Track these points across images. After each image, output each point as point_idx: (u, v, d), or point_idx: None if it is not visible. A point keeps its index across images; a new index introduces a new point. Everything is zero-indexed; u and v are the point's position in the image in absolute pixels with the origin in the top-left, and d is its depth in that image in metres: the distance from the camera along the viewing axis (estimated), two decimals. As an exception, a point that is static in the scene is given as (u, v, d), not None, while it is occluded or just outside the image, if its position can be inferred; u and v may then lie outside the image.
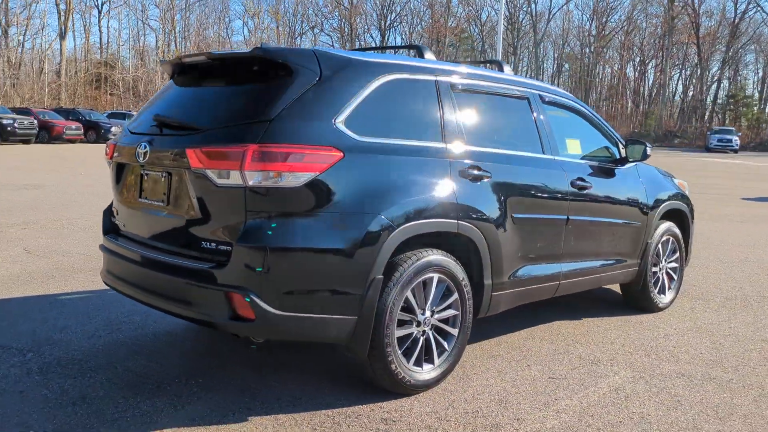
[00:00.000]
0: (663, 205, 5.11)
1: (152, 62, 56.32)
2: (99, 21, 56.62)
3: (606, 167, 4.69)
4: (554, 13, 69.53)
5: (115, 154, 3.63)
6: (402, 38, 70.58)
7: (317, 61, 3.15)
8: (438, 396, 3.39)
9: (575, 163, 4.40)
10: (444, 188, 3.39)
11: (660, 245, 5.21)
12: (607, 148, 4.84)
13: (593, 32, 67.19)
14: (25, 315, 4.52)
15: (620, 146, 4.85)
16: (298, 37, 67.12)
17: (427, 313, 3.40)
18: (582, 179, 4.31)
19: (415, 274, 3.26)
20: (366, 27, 69.51)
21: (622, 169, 4.81)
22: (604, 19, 66.49)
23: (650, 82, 68.56)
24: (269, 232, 2.87)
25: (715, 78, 63.10)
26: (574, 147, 4.58)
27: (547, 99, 4.37)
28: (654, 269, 5.19)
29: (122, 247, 3.51)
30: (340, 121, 3.08)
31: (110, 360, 3.74)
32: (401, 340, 3.30)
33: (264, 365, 3.74)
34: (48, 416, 3.00)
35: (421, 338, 3.39)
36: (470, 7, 68.03)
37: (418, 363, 3.37)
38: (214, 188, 2.93)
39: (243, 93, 3.20)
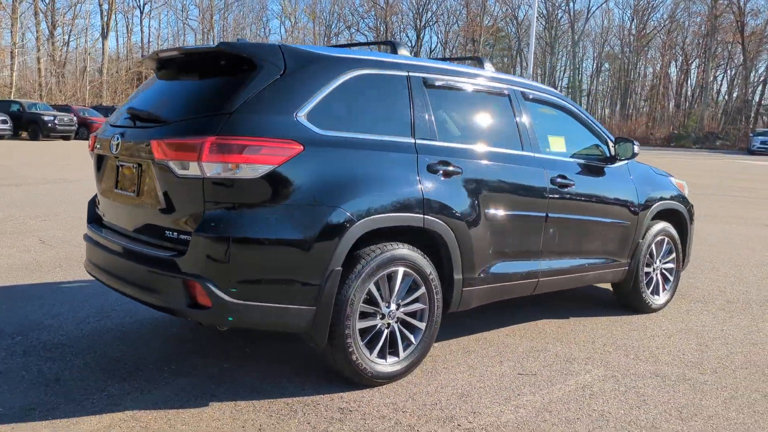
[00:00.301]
0: (656, 204, 5.04)
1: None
2: (141, 21, 57.84)
3: (593, 165, 4.66)
4: (593, 12, 68.66)
5: (96, 146, 3.76)
6: (438, 37, 70.51)
7: (282, 55, 3.23)
8: (401, 388, 3.43)
9: (557, 161, 4.38)
10: (410, 183, 3.43)
11: (653, 245, 5.14)
12: (596, 146, 4.80)
13: (633, 31, 65.96)
14: (25, 301, 4.71)
15: (610, 144, 4.81)
16: (335, 37, 67.48)
17: (393, 306, 3.44)
18: (564, 177, 4.29)
19: (378, 268, 3.31)
20: (402, 26, 69.62)
21: (611, 167, 4.77)
22: (645, 18, 65.21)
23: (693, 82, 66.98)
24: (226, 223, 2.96)
25: (762, 78, 61.24)
26: (558, 144, 4.56)
27: (530, 96, 4.36)
28: (647, 270, 5.13)
29: (102, 237, 3.64)
30: (302, 115, 3.15)
31: (93, 345, 3.88)
32: (364, 331, 3.35)
33: (236, 353, 3.84)
34: (19, 395, 3.14)
35: (386, 331, 3.44)
36: (507, 6, 67.48)
37: (381, 355, 3.42)
38: (176, 179, 3.03)
39: (209, 87, 3.30)
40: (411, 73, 3.66)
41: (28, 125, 27.35)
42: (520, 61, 64.52)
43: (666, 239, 5.26)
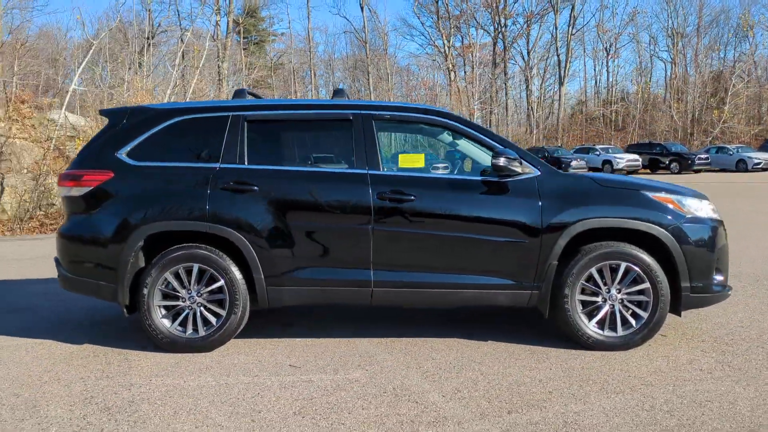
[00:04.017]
0: (579, 224, 4.35)
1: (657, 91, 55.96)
2: (606, 62, 59.62)
3: (461, 180, 4.51)
4: None
5: None
6: None
7: (127, 113, 4.73)
8: (186, 356, 4.42)
9: (397, 177, 4.48)
10: (198, 198, 4.43)
11: (595, 271, 4.41)
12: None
13: None
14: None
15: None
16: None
17: (194, 293, 4.48)
18: (399, 192, 4.38)
19: (171, 262, 4.44)
20: None
21: (505, 181, 4.43)
22: None
23: None
24: (67, 224, 4.64)
25: None
26: (412, 161, 4.60)
27: (386, 117, 4.62)
28: (586, 298, 4.43)
29: None
30: (124, 153, 4.58)
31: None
32: (168, 308, 4.50)
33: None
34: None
35: (189, 311, 4.49)
36: None
37: (182, 329, 4.48)
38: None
39: (94, 138, 4.99)
40: (234, 113, 4.63)
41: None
42: None
43: (624, 265, 4.40)
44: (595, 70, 59.81)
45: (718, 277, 4.58)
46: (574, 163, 33.43)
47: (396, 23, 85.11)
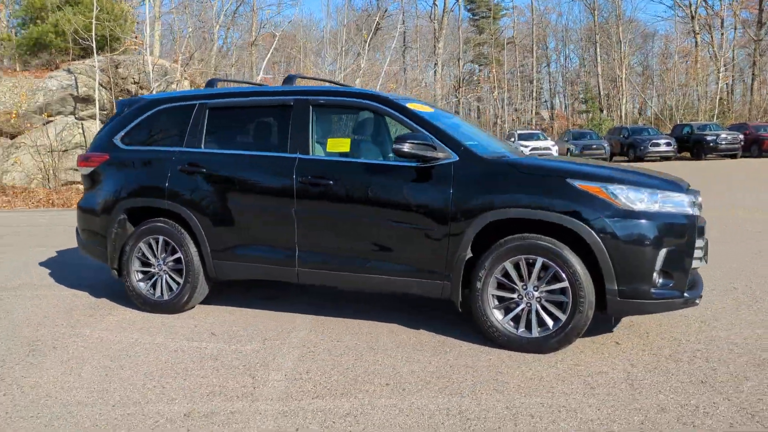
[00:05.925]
0: (489, 213, 4.04)
1: None
2: None
3: (380, 165, 4.44)
4: None
5: None
6: None
7: (129, 102, 5.49)
8: (141, 315, 5.08)
9: (321, 161, 4.54)
10: (160, 178, 5.02)
11: (510, 265, 4.08)
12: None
13: None
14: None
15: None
16: None
17: (161, 262, 5.13)
18: (319, 176, 4.48)
19: (142, 234, 5.13)
20: None
21: (425, 166, 4.26)
22: None
23: None
24: (81, 199, 5.56)
25: None
26: (339, 145, 4.58)
27: (319, 102, 4.71)
28: (500, 293, 4.13)
29: None
30: (118, 138, 5.36)
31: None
32: (144, 273, 5.20)
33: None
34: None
35: (157, 278, 5.15)
36: None
37: (152, 291, 5.14)
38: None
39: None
40: (200, 101, 5.12)
41: (694, 145, 29.00)
42: None
43: (540, 260, 4.00)
44: None
45: (664, 282, 3.92)
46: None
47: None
